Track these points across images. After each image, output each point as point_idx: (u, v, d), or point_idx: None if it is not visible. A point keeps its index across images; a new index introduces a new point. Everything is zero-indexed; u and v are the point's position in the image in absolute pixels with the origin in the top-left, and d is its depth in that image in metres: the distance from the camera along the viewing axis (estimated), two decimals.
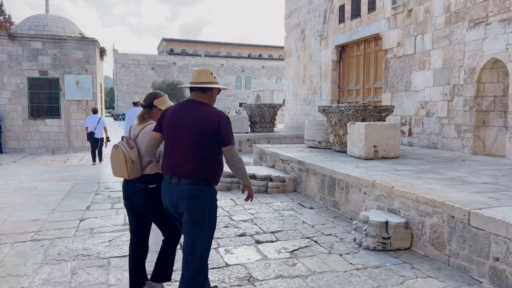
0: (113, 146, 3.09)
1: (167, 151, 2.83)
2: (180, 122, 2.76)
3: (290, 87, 17.47)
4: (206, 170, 2.76)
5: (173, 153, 2.78)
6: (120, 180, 8.82)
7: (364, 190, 5.34)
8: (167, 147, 2.83)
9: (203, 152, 2.74)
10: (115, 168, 3.08)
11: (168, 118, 2.84)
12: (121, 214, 5.98)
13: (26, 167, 11.06)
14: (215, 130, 2.72)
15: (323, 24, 14.24)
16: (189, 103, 2.87)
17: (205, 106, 2.84)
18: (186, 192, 2.71)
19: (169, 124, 2.81)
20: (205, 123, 2.72)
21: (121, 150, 2.99)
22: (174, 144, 2.78)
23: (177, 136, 2.76)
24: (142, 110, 3.23)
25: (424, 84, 9.57)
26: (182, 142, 2.75)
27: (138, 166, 3.04)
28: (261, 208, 6.30)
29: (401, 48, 10.31)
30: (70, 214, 6.01)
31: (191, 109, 2.81)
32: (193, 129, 2.72)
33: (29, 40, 14.60)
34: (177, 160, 2.76)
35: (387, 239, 4.40)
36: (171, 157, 2.79)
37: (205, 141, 2.73)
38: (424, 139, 9.61)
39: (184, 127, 2.75)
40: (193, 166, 2.72)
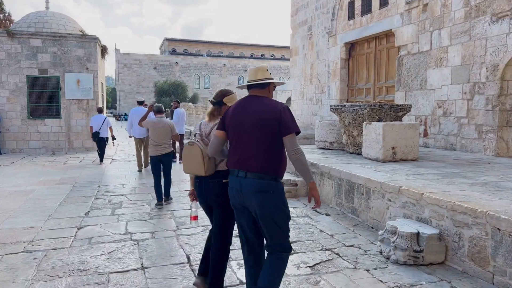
0: (188, 143, 3.13)
1: (232, 146, 2.87)
2: (243, 116, 2.80)
3: (296, 86, 17.00)
4: (271, 163, 2.76)
5: (238, 147, 2.82)
6: (121, 183, 8.38)
7: (388, 196, 4.88)
8: (232, 142, 2.87)
9: (268, 144, 2.74)
10: (191, 165, 3.10)
11: (231, 115, 2.88)
12: (122, 222, 5.53)
13: (24, 168, 10.63)
14: (277, 119, 2.71)
15: (331, 21, 13.78)
16: (250, 98, 2.89)
17: (266, 99, 2.87)
18: (255, 186, 2.72)
19: (233, 120, 2.84)
20: (268, 114, 2.74)
21: (198, 147, 3.04)
22: (238, 138, 2.81)
23: (241, 130, 2.80)
24: (212, 107, 3.26)
25: (441, 82, 9.09)
26: (247, 136, 2.77)
27: (213, 162, 3.08)
28: None
29: (416, 45, 9.84)
30: (67, 221, 5.57)
31: (252, 103, 2.84)
32: (257, 121, 2.75)
33: (28, 37, 14.17)
34: (242, 154, 2.78)
35: (419, 252, 3.93)
36: (236, 151, 2.83)
37: (269, 133, 2.73)
38: (440, 140, 9.13)
39: (248, 121, 2.77)
40: (259, 159, 2.74)
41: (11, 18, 23.08)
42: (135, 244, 4.60)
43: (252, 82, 2.91)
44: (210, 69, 67.44)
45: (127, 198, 7.01)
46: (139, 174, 9.82)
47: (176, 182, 8.35)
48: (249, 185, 2.73)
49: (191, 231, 5.08)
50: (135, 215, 5.89)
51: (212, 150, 2.97)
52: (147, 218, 5.71)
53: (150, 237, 4.88)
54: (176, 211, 6.09)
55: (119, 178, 9.10)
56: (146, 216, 5.84)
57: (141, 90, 61.81)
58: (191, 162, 3.08)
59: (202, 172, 3.03)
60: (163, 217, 5.78)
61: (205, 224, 5.36)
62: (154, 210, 6.16)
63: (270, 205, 2.72)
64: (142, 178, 9.13)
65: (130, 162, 11.89)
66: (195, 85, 65.59)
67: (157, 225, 5.39)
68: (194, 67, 66.56)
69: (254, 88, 2.91)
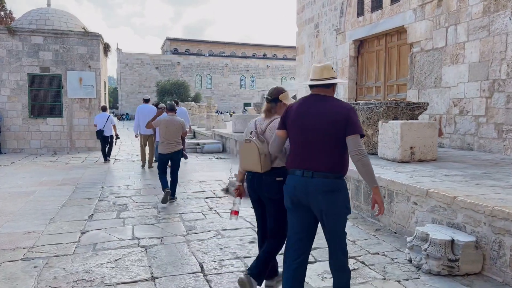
0: (244, 140, 3.15)
1: (295, 145, 2.84)
2: (309, 116, 2.76)
3: (302, 85, 16.67)
4: (339, 162, 2.75)
5: (303, 147, 2.78)
6: (126, 184, 8.07)
7: (414, 199, 4.55)
8: (296, 141, 2.83)
9: (335, 143, 2.72)
10: (248, 162, 3.14)
11: (294, 114, 2.82)
12: (128, 225, 5.21)
13: (25, 169, 10.32)
14: (345, 120, 2.68)
15: (339, 18, 13.44)
16: (315, 97, 2.83)
17: (332, 98, 2.81)
18: (323, 186, 2.70)
19: (297, 119, 2.80)
20: (336, 114, 2.70)
21: (255, 145, 3.05)
22: (303, 138, 2.77)
23: (306, 130, 2.76)
24: (267, 104, 3.25)
25: (457, 79, 8.75)
26: (313, 135, 2.74)
27: (269, 159, 3.09)
28: None
29: (430, 41, 9.50)
30: (70, 225, 5.25)
31: (318, 103, 2.79)
32: (324, 121, 2.71)
33: (30, 34, 13.86)
34: (308, 153, 2.76)
35: (454, 261, 3.60)
36: (300, 150, 2.79)
37: (336, 133, 2.70)
38: (456, 140, 8.79)
39: (314, 120, 2.74)
40: (327, 158, 2.72)
41: (12, 15, 22.78)
42: (143, 251, 4.28)
43: (319, 81, 2.82)
44: (212, 68, 67.13)
45: (132, 200, 6.69)
46: (144, 174, 9.51)
47: (183, 183, 8.03)
48: (317, 184, 2.71)
49: (202, 236, 4.76)
50: (142, 218, 5.57)
51: (274, 149, 3.01)
52: (154, 222, 5.39)
53: (158, 242, 4.55)
54: (184, 214, 5.77)
55: (123, 179, 8.78)
56: (153, 219, 5.52)
57: (143, 89, 61.50)
58: (248, 159, 3.13)
59: (259, 169, 3.06)
60: (171, 221, 5.46)
61: (216, 229, 5.04)
62: (161, 213, 5.84)
63: (337, 204, 2.74)
64: (147, 179, 8.81)
65: (134, 162, 11.58)
66: (197, 84, 65.29)
67: (165, 229, 5.07)
68: (196, 66, 66.25)
69: (319, 87, 2.84)
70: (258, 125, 3.25)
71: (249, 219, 5.45)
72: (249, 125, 3.34)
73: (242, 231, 4.93)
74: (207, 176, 8.95)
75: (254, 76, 69.64)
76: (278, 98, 3.22)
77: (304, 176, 2.74)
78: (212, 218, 5.53)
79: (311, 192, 2.72)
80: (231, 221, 5.27)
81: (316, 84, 2.82)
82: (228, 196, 6.91)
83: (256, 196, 3.27)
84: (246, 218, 5.52)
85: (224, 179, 8.52)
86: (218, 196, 6.92)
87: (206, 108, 21.21)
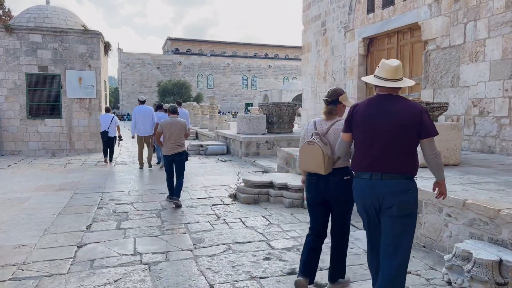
0: (307, 142, 3.16)
1: (362, 147, 2.78)
2: (379, 117, 2.69)
3: (308, 85, 16.21)
4: (409, 163, 2.70)
5: (371, 149, 2.72)
6: (127, 190, 7.62)
7: (448, 211, 4.09)
8: (363, 143, 2.77)
9: (406, 145, 2.67)
10: (311, 164, 3.14)
11: (361, 115, 2.76)
12: (129, 238, 4.76)
13: (22, 172, 9.87)
14: (417, 121, 2.64)
15: (348, 15, 12.97)
16: (384, 97, 2.75)
17: (402, 98, 2.75)
18: (395, 186, 2.66)
19: (365, 120, 2.74)
20: (408, 115, 2.64)
21: (319, 147, 3.06)
22: (372, 139, 2.72)
23: (376, 131, 2.70)
24: (328, 106, 3.23)
25: (476, 78, 8.29)
26: (383, 137, 2.68)
27: (332, 161, 3.10)
28: (303, 229, 5.05)
29: (447, 38, 9.03)
30: (66, 237, 4.80)
31: (388, 103, 2.71)
32: (396, 122, 2.65)
33: (28, 32, 13.42)
34: (378, 155, 2.70)
35: (503, 285, 3.14)
36: (369, 153, 2.74)
37: (407, 134, 2.65)
38: (476, 142, 8.32)
39: (385, 122, 2.67)
40: (397, 160, 2.67)
41: (11, 14, 22.34)
42: (146, 269, 3.83)
43: (394, 82, 2.72)
44: (213, 68, 66.71)
45: (133, 208, 6.24)
46: (145, 177, 9.06)
47: (187, 188, 7.59)
48: (388, 186, 2.66)
49: (211, 251, 4.30)
50: (144, 229, 5.12)
51: (341, 153, 3.01)
52: (158, 234, 4.93)
53: (163, 259, 4.10)
54: (190, 224, 5.31)
55: (124, 183, 8.33)
56: (157, 230, 5.06)
57: (144, 89, 61.12)
58: (311, 161, 3.13)
59: (322, 171, 3.07)
60: (176, 232, 5.00)
61: (226, 242, 4.59)
62: (165, 223, 5.39)
63: (409, 205, 2.70)
64: (149, 183, 8.35)
65: (135, 165, 11.13)
66: (198, 84, 64.90)
67: (170, 242, 4.61)
68: (198, 66, 65.85)
69: (387, 87, 2.75)
70: (318, 127, 3.23)
71: (261, 230, 5.00)
72: (307, 126, 3.34)
73: (255, 245, 4.47)
74: (212, 180, 8.50)
75: (256, 76, 69.20)
76: (337, 100, 3.20)
77: (372, 179, 2.70)
78: (220, 229, 5.07)
79: (382, 194, 2.67)
80: (242, 234, 4.82)
81: (392, 85, 2.72)
82: (236, 203, 6.45)
83: (321, 198, 3.22)
84: (257, 229, 5.07)
85: (230, 183, 8.07)
86: (226, 203, 6.47)
87: (208, 108, 20.75)
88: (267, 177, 7.02)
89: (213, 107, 19.80)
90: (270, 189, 6.66)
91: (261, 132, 12.95)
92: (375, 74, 2.81)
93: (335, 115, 3.22)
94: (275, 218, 5.55)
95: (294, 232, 4.93)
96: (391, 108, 2.68)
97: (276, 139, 12.30)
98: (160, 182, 8.23)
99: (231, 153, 13.37)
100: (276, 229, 5.07)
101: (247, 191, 6.63)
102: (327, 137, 3.14)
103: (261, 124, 13.02)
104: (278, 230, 5.00)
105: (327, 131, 3.16)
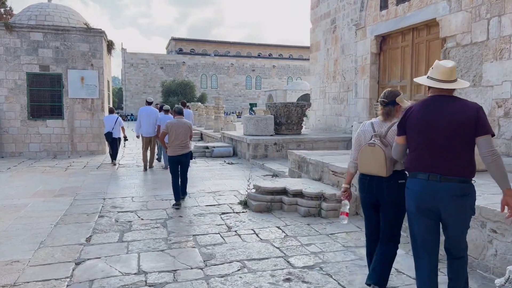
0: (368, 144, 3.13)
1: (418, 148, 2.76)
2: (437, 118, 2.68)
3: (317, 84, 15.72)
4: (467, 165, 2.67)
5: (428, 150, 2.70)
6: (130, 195, 7.18)
7: (493, 226, 3.61)
8: (419, 144, 2.75)
9: (465, 146, 2.63)
10: (371, 166, 3.10)
11: (416, 116, 2.74)
12: (133, 253, 4.31)
13: (21, 176, 9.46)
14: (474, 120, 2.58)
15: (359, 12, 12.49)
16: (439, 98, 2.74)
17: (458, 98, 2.74)
18: (455, 190, 2.63)
19: (421, 121, 2.72)
20: (465, 114, 2.61)
21: (381, 149, 3.04)
22: (428, 140, 2.70)
23: (433, 132, 2.68)
24: (385, 107, 3.17)
25: (501, 77, 7.79)
26: (441, 138, 2.66)
27: (393, 163, 3.07)
28: (324, 242, 4.59)
29: (468, 35, 8.53)
30: (63, 252, 4.35)
31: (445, 104, 2.71)
32: (453, 122, 2.62)
33: (29, 31, 13.01)
34: (436, 157, 2.67)
35: None
36: (426, 154, 2.71)
37: (464, 133, 2.61)
38: (500, 145, 7.82)
39: (442, 122, 2.65)
40: (455, 162, 2.64)
41: (12, 13, 21.97)
42: None
43: (450, 83, 2.72)
44: (217, 68, 66.32)
45: (137, 216, 5.80)
46: (150, 182, 8.62)
47: (194, 194, 7.16)
48: (447, 189, 2.63)
49: (224, 270, 3.84)
50: (149, 242, 4.67)
51: (397, 156, 2.98)
52: (164, 247, 4.48)
53: (170, 279, 3.64)
54: (199, 237, 4.86)
55: (127, 188, 7.90)
56: (163, 243, 4.62)
57: (147, 90, 60.80)
58: (372, 163, 3.10)
59: (384, 173, 3.04)
60: (184, 245, 4.55)
61: (240, 258, 4.13)
62: (172, 235, 4.94)
63: (467, 208, 2.70)
64: (153, 188, 7.90)
65: (138, 168, 10.71)
66: (202, 84, 64.53)
67: (178, 258, 4.16)
68: (201, 66, 65.46)
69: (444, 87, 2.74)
70: (376, 128, 3.19)
71: (277, 244, 4.54)
72: (364, 128, 3.28)
73: (272, 263, 4.01)
74: (221, 185, 8.05)
75: (260, 76, 68.75)
76: (394, 101, 3.15)
77: (430, 180, 2.67)
78: (233, 243, 4.62)
79: (441, 196, 2.64)
80: (256, 248, 4.37)
81: (447, 87, 2.71)
82: (248, 212, 5.99)
83: (374, 199, 3.19)
84: (273, 242, 4.61)
85: (240, 188, 7.62)
86: (236, 212, 6.01)
87: (213, 109, 20.31)
88: (280, 183, 6.56)
89: (218, 108, 19.36)
90: (283, 196, 6.20)
91: (269, 133, 12.49)
92: (429, 76, 2.80)
93: (393, 116, 3.18)
94: (291, 229, 5.09)
95: (314, 246, 4.46)
96: (448, 108, 2.66)
97: (285, 140, 11.84)
98: (165, 186, 7.80)
99: (238, 155, 12.92)
100: (294, 242, 4.61)
101: (259, 198, 6.17)
102: (387, 139, 3.11)
103: (269, 125, 12.56)
104: (296, 244, 4.54)
105: (386, 133, 3.13)
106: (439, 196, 2.64)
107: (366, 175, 3.17)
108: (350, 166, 3.39)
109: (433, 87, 2.75)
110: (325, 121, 15.01)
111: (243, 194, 7.03)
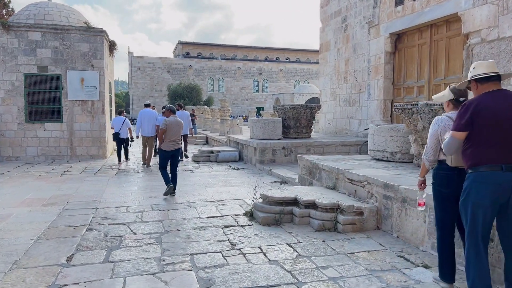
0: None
1: (490, 141, 2.82)
2: (505, 110, 2.80)
3: (327, 86, 15.04)
4: None
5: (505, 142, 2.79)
6: (125, 205, 6.54)
7: None
8: (489, 136, 2.81)
9: None
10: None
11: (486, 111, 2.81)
12: (118, 277, 3.65)
13: (12, 182, 8.87)
14: None
15: (373, 9, 11.80)
16: (501, 92, 2.87)
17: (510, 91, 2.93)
18: None
19: (493, 115, 2.79)
20: None
21: None
22: (503, 132, 2.79)
23: (506, 124, 2.78)
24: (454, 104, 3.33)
25: None
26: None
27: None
28: (343, 265, 3.90)
29: (494, 30, 7.82)
30: (37, 275, 3.71)
31: (508, 97, 2.84)
32: None
33: (26, 30, 12.50)
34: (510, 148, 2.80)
35: None
36: (502, 146, 2.80)
37: None
38: None
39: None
40: None
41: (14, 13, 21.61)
42: None
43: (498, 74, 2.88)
44: (224, 72, 65.88)
45: (130, 230, 5.15)
46: (148, 188, 7.96)
47: (195, 203, 6.51)
48: None
49: None
50: (139, 262, 4.02)
51: (453, 151, 3.01)
52: (155, 270, 3.82)
53: None
54: (197, 256, 4.19)
55: (123, 196, 7.27)
56: (155, 265, 3.95)
57: (154, 93, 60.52)
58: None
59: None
60: (179, 267, 3.89)
61: (244, 286, 3.45)
62: (166, 253, 4.28)
63: None
64: (150, 197, 7.24)
65: (139, 173, 10.09)
66: (209, 88, 64.12)
67: (170, 285, 3.50)
68: (208, 70, 65.08)
69: (494, 81, 2.89)
70: None
71: (288, 267, 3.85)
72: (443, 123, 3.23)
73: None
74: (225, 193, 7.39)
75: (267, 79, 68.17)
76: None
77: (505, 170, 2.75)
78: (236, 264, 3.95)
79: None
80: (264, 271, 3.70)
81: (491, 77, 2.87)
82: (254, 224, 5.32)
83: (455, 193, 3.16)
84: (283, 264, 3.93)
85: (245, 197, 6.95)
86: (241, 225, 5.34)
87: (219, 112, 19.71)
88: (290, 192, 5.88)
89: (224, 111, 18.75)
90: (294, 207, 5.52)
91: (277, 137, 11.82)
92: (473, 76, 2.93)
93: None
94: (303, 247, 4.41)
95: (332, 270, 3.77)
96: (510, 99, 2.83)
97: (293, 145, 11.17)
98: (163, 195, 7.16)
99: (244, 160, 12.26)
100: (308, 264, 3.92)
101: (267, 210, 5.50)
102: None
103: (276, 129, 11.89)
104: (311, 267, 3.85)
105: None
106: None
107: (454, 169, 3.16)
108: (427, 163, 3.38)
109: (487, 83, 2.88)
110: (335, 124, 14.31)
111: (248, 203, 6.37)
